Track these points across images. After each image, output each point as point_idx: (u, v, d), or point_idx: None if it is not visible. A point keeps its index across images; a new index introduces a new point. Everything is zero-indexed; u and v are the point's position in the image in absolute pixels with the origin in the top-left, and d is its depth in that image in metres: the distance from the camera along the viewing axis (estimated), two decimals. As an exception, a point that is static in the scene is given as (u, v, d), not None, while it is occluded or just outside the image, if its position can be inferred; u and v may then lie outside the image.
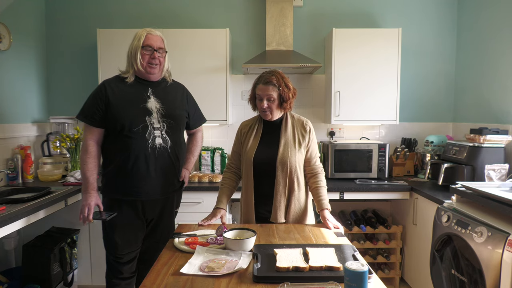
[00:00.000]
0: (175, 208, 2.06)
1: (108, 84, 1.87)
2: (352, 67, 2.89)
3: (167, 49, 1.92)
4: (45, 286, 2.41)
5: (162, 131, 1.86)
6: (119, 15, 3.19)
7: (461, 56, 3.16)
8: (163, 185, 1.90)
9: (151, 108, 1.85)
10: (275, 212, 1.75)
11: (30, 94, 2.99)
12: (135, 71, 1.88)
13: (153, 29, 1.89)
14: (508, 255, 1.54)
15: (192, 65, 2.88)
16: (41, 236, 2.56)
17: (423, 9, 3.19)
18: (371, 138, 3.24)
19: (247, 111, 3.21)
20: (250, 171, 1.77)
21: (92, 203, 1.83)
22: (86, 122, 1.85)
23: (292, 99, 1.78)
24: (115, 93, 1.84)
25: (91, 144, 1.84)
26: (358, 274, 0.97)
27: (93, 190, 1.83)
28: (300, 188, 1.79)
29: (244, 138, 1.85)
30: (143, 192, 1.85)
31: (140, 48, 1.83)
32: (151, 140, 1.83)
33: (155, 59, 1.85)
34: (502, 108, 2.62)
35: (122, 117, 1.80)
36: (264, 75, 1.76)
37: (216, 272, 1.19)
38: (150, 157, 1.83)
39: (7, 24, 2.63)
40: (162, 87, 1.95)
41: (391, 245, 2.86)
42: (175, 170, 1.95)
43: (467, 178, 2.37)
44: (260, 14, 3.16)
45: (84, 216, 1.81)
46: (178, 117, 1.94)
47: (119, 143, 1.82)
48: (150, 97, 1.88)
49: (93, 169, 1.84)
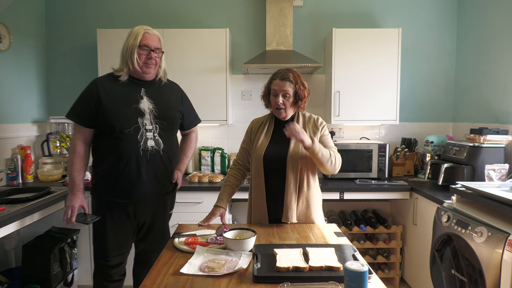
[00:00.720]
0: (169, 210, 2.02)
1: (100, 82, 1.81)
2: (352, 67, 2.89)
3: (163, 49, 1.88)
4: (45, 286, 2.41)
5: (154, 133, 1.81)
6: (119, 15, 3.19)
7: (461, 56, 3.16)
8: (155, 188, 1.85)
9: (144, 109, 1.80)
10: (286, 212, 1.71)
11: (30, 94, 2.99)
12: (130, 70, 1.82)
13: (150, 28, 1.84)
14: (508, 255, 1.54)
15: (192, 65, 2.88)
16: (41, 236, 2.56)
17: (423, 9, 3.19)
18: (371, 138, 3.24)
19: (247, 111, 3.21)
20: (261, 169, 1.73)
21: (77, 205, 1.77)
22: (75, 122, 1.80)
23: (306, 98, 1.76)
24: (107, 93, 1.78)
25: (79, 144, 1.79)
26: (358, 274, 0.97)
27: (78, 191, 1.78)
28: (310, 186, 1.76)
29: (254, 135, 1.83)
30: (134, 195, 1.80)
31: (136, 47, 1.77)
32: (143, 142, 1.77)
33: (151, 59, 1.81)
34: (502, 108, 2.62)
35: (113, 118, 1.74)
36: (280, 71, 1.74)
37: (216, 272, 1.19)
38: (142, 160, 1.77)
39: (7, 24, 2.63)
40: (156, 87, 1.90)
41: (391, 245, 2.86)
42: (168, 173, 1.91)
43: (467, 178, 2.37)
44: (260, 14, 3.16)
45: (67, 217, 1.76)
46: (171, 119, 1.89)
47: (110, 144, 1.77)
48: (143, 97, 1.83)
49: (80, 170, 1.79)
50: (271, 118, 1.84)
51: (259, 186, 1.75)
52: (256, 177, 1.76)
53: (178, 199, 2.63)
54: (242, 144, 1.91)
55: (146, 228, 1.92)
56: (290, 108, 1.74)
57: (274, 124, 1.82)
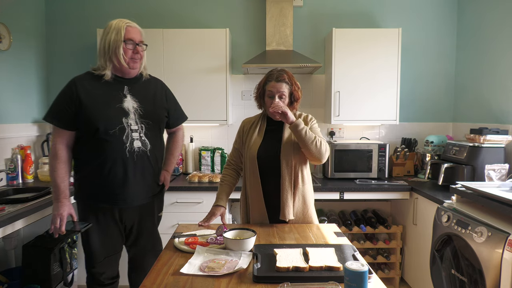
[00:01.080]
0: (157, 213, 1.95)
1: (80, 81, 1.71)
2: (352, 67, 2.89)
3: (146, 42, 1.79)
4: (45, 286, 2.41)
5: (140, 133, 1.72)
6: (119, 15, 3.14)
7: (461, 56, 3.16)
8: (142, 191, 1.78)
9: (128, 108, 1.71)
10: (283, 209, 1.71)
11: (30, 94, 2.99)
12: (114, 67, 1.73)
13: (130, 21, 1.76)
14: (508, 255, 1.54)
15: (192, 65, 2.88)
16: (41, 236, 2.56)
17: (423, 9, 3.19)
18: (371, 138, 3.24)
19: (247, 111, 3.21)
20: (255, 168, 1.73)
21: (65, 213, 1.68)
22: (54, 124, 1.70)
23: (300, 99, 1.79)
24: (87, 92, 1.68)
25: (61, 148, 1.69)
26: (358, 274, 0.97)
27: (65, 198, 1.68)
28: (305, 182, 1.77)
29: (246, 135, 1.83)
30: (120, 199, 1.72)
31: (122, 43, 1.68)
32: (129, 143, 1.69)
33: (137, 54, 1.73)
34: (502, 108, 2.62)
35: (96, 119, 1.65)
36: (274, 73, 1.75)
37: (216, 272, 1.19)
38: (129, 162, 1.69)
39: (7, 24, 2.63)
40: (140, 84, 1.81)
41: (391, 245, 2.86)
42: (155, 174, 1.84)
43: (467, 178, 2.37)
44: (260, 14, 3.16)
45: (55, 227, 1.67)
46: (157, 117, 1.81)
47: (94, 146, 1.68)
48: (127, 96, 1.74)
49: (64, 176, 1.68)
50: (263, 118, 1.84)
51: (255, 185, 1.74)
52: (251, 177, 1.76)
53: (178, 199, 2.66)
54: (234, 145, 1.91)
55: (135, 232, 1.87)
56: None
57: (266, 123, 1.82)
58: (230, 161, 1.92)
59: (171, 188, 2.65)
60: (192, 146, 3.18)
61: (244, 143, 1.83)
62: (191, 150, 3.17)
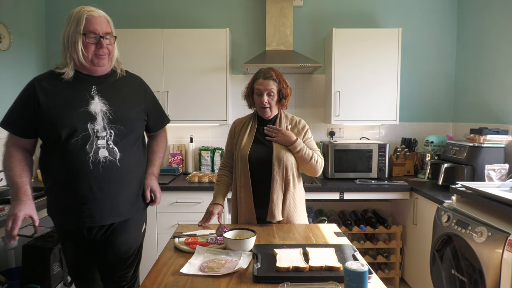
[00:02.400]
0: (140, 230, 1.69)
1: (39, 82, 1.47)
2: (352, 67, 2.89)
3: (115, 33, 1.54)
4: (45, 286, 2.41)
5: (108, 140, 1.47)
6: (119, 15, 3.19)
7: (461, 56, 3.16)
8: (115, 207, 1.52)
9: (95, 112, 1.46)
10: (272, 210, 1.71)
11: (30, 94, 2.99)
12: (76, 64, 1.48)
13: (94, 8, 1.49)
14: (508, 255, 1.54)
15: (192, 65, 2.88)
16: (41, 236, 2.55)
17: (423, 9, 3.19)
18: (371, 138, 3.24)
19: (247, 111, 3.19)
20: (246, 169, 1.73)
21: (20, 213, 1.38)
22: (8, 131, 1.49)
23: (289, 96, 1.80)
24: (47, 95, 1.44)
25: (14, 149, 1.49)
26: (358, 274, 0.97)
27: (24, 195, 1.42)
28: (295, 185, 1.77)
29: (237, 136, 1.83)
30: (86, 216, 1.47)
31: (80, 36, 1.42)
32: (92, 152, 1.44)
33: (103, 49, 1.46)
34: (502, 108, 2.62)
35: (56, 125, 1.41)
36: (262, 71, 1.77)
37: (216, 272, 1.19)
38: (93, 174, 1.44)
39: (7, 24, 2.63)
40: (111, 82, 1.55)
41: (391, 245, 2.86)
42: (132, 186, 1.57)
43: (467, 178, 2.37)
44: (260, 14, 3.16)
45: (6, 230, 1.37)
46: (130, 121, 1.55)
47: (55, 156, 1.46)
48: (94, 97, 1.48)
49: (21, 172, 1.45)
50: (254, 118, 1.85)
51: (245, 186, 1.75)
52: (241, 178, 1.76)
53: (178, 199, 2.66)
54: (226, 147, 1.92)
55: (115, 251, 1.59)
56: (274, 107, 1.78)
57: (257, 123, 1.83)
58: (225, 163, 1.92)
59: (171, 188, 2.65)
60: (192, 146, 3.18)
61: (235, 144, 1.83)
62: (191, 150, 3.17)
